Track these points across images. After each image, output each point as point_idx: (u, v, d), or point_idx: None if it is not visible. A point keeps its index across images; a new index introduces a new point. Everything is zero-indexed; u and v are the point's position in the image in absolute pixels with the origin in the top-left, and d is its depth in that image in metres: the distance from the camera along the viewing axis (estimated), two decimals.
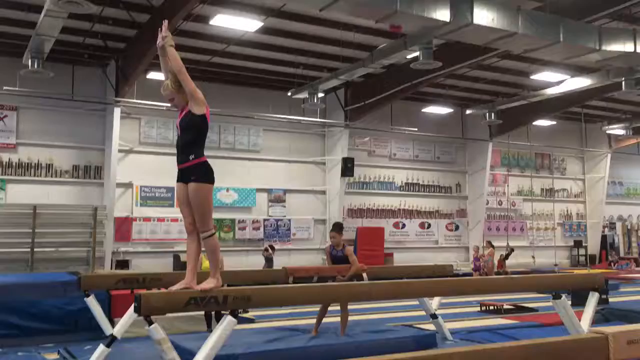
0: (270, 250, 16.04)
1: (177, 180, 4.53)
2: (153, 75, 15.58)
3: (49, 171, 15.78)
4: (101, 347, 5.50)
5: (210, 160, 4.59)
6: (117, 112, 15.43)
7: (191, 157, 4.45)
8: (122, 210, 16.32)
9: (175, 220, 16.98)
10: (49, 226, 14.77)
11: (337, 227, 7.56)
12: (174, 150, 4.75)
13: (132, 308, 4.68)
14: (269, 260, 15.97)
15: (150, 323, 4.21)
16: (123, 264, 15.72)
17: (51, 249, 14.79)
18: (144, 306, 3.99)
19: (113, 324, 6.69)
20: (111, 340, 5.53)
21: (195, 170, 4.41)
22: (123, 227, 16.28)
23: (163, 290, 6.19)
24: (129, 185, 16.56)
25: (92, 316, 6.90)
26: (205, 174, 4.43)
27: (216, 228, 4.48)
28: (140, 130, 16.86)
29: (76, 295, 7.25)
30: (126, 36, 14.43)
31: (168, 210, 16.95)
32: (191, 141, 4.53)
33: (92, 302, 6.56)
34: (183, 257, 15.98)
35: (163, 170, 16.80)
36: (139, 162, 16.68)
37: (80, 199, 15.84)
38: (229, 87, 17.72)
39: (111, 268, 15.29)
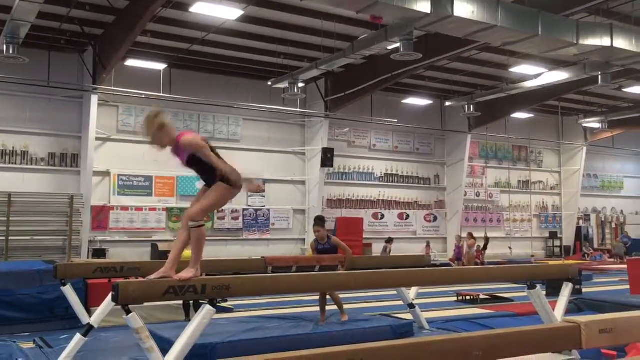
0: None
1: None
2: (131, 62, 15.39)
3: (24, 158, 15.53)
4: (78, 336, 5.46)
5: None
6: (94, 99, 15.23)
7: (217, 179, 4.47)
8: (99, 198, 16.15)
9: (153, 209, 16.88)
10: (24, 214, 14.58)
11: (320, 221, 7.58)
12: None
13: (109, 297, 4.65)
14: None
15: (128, 312, 4.19)
16: (100, 253, 15.57)
17: (27, 237, 14.61)
18: (121, 295, 3.97)
19: (90, 313, 6.64)
20: (88, 329, 5.49)
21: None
22: (100, 215, 16.12)
23: (141, 279, 6.16)
24: (106, 174, 16.38)
25: (68, 305, 6.81)
26: (230, 180, 4.48)
27: (209, 219, 4.53)
28: (118, 118, 16.66)
29: (52, 284, 7.17)
30: (104, 22, 14.21)
31: (146, 200, 16.83)
32: (208, 168, 4.53)
33: (68, 290, 6.49)
34: (161, 247, 15.90)
35: (141, 158, 16.66)
36: (116, 150, 16.50)
37: (56, 187, 15.64)
38: (208, 75, 17.59)
39: (88, 257, 15.14)
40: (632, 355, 5.27)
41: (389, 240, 19.14)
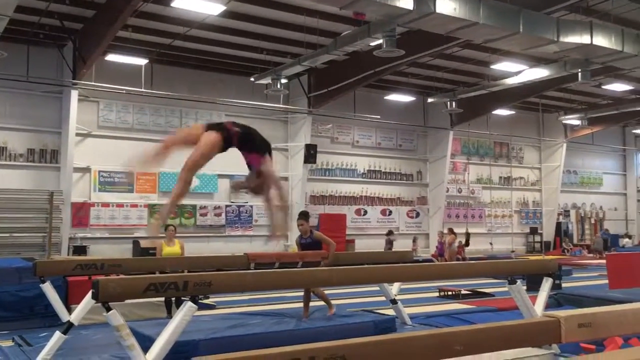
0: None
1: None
2: (112, 57, 15.22)
3: (2, 154, 15.30)
4: (57, 334, 5.40)
5: None
6: (74, 94, 15.04)
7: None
8: (79, 195, 15.98)
9: (135, 205, 16.74)
10: (3, 211, 14.38)
11: (303, 215, 7.58)
12: (134, 135, 4.68)
13: (89, 294, 4.60)
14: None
15: (109, 309, 4.15)
16: (80, 250, 15.42)
17: (5, 234, 14.41)
18: (101, 292, 3.93)
19: (70, 311, 6.57)
20: (68, 327, 5.43)
21: None
22: (80, 212, 15.95)
23: (122, 276, 6.11)
24: (86, 170, 16.20)
25: (48, 303, 6.73)
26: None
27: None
28: (98, 114, 16.48)
29: (31, 282, 7.08)
30: (84, 16, 14.03)
31: (127, 196, 16.68)
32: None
33: (48, 288, 6.41)
34: (143, 243, 15.79)
35: (122, 154, 16.46)
36: (97, 146, 16.32)
37: (35, 184, 15.43)
38: (190, 71, 17.47)
39: (68, 254, 14.99)
40: (610, 349, 5.34)
41: (390, 233, 19.21)
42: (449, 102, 19.74)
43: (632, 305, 3.97)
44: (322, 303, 7.60)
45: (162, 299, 8.45)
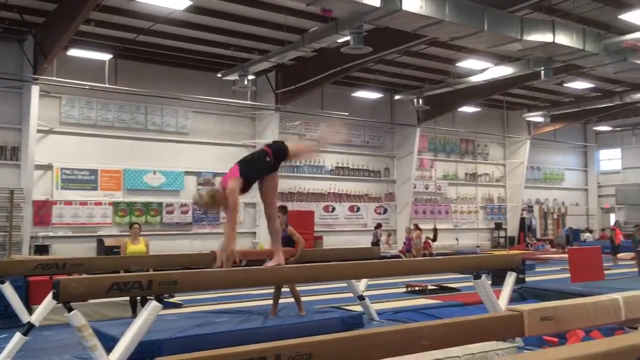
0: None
1: None
2: (74, 52, 14.87)
3: None
4: (18, 336, 5.27)
5: (136, 142, 4.51)
6: (35, 90, 14.65)
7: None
8: (41, 193, 15.59)
9: (99, 203, 16.43)
10: None
11: (282, 208, 7.53)
12: (97, 131, 4.59)
13: (50, 295, 4.50)
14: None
15: (70, 310, 4.06)
16: (42, 250, 15.05)
17: None
18: (62, 292, 3.84)
19: (31, 312, 6.41)
20: (28, 328, 5.31)
21: None
22: (42, 210, 15.57)
23: (85, 275, 5.99)
24: (48, 167, 15.82)
25: (7, 304, 6.58)
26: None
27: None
28: (60, 110, 16.10)
29: None
30: (45, 10, 13.68)
31: (91, 194, 16.33)
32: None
33: (7, 288, 6.25)
34: (107, 242, 15.52)
35: (86, 151, 16.19)
36: (59, 143, 15.95)
37: None
38: (155, 66, 17.20)
39: (30, 254, 14.61)
40: (572, 342, 5.46)
41: (378, 226, 19.53)
42: (415, 99, 19.90)
43: (592, 299, 4.06)
44: (291, 300, 7.58)
45: (128, 298, 8.32)
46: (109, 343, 4.80)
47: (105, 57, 15.27)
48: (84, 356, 5.13)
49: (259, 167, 5.26)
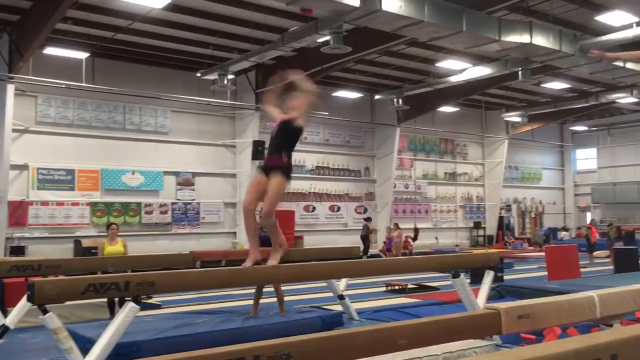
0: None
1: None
2: (51, 50, 14.66)
3: None
4: None
5: (114, 142, 4.42)
6: (10, 89, 14.40)
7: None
8: (16, 193, 15.34)
9: (76, 204, 16.22)
10: None
11: None
12: (74, 131, 4.53)
13: (25, 297, 4.42)
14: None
15: (45, 312, 4.01)
16: (18, 251, 14.81)
17: None
18: (37, 294, 3.78)
19: (6, 314, 6.30)
20: (3, 331, 5.23)
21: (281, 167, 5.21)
22: (18, 211, 15.32)
23: (61, 277, 5.90)
24: (24, 167, 15.58)
25: None
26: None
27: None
28: (36, 109, 15.86)
29: None
30: (20, 7, 13.46)
31: (68, 194, 16.12)
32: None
33: None
34: (85, 243, 15.32)
35: (62, 151, 15.97)
36: (35, 142, 15.72)
37: None
38: (134, 65, 17.04)
39: (5, 255, 14.38)
40: (549, 339, 5.53)
41: (368, 219, 19.77)
42: (395, 99, 20.00)
43: (568, 296, 4.11)
44: (272, 300, 7.54)
45: (105, 300, 8.22)
46: (86, 345, 4.74)
47: (83, 55, 15.07)
48: (61, 359, 5.05)
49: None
